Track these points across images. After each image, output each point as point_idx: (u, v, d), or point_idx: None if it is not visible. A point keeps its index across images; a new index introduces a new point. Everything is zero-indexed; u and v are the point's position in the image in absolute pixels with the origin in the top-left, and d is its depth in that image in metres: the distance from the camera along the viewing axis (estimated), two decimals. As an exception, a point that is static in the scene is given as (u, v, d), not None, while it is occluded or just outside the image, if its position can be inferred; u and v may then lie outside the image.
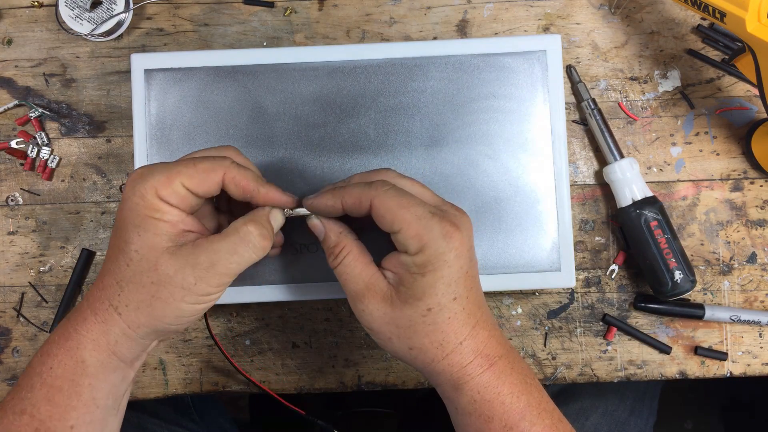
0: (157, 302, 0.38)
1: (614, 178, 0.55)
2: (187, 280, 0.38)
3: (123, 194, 0.39)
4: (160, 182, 0.37)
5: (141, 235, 0.37)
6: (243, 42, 0.58)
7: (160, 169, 0.38)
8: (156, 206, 0.37)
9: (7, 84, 0.58)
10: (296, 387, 0.58)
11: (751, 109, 0.58)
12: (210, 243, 0.38)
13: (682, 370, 0.57)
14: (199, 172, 0.38)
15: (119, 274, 0.38)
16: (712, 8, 0.48)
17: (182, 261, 0.38)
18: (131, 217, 0.38)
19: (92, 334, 0.38)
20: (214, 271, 0.38)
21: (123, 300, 0.38)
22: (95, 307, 0.39)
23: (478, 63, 0.51)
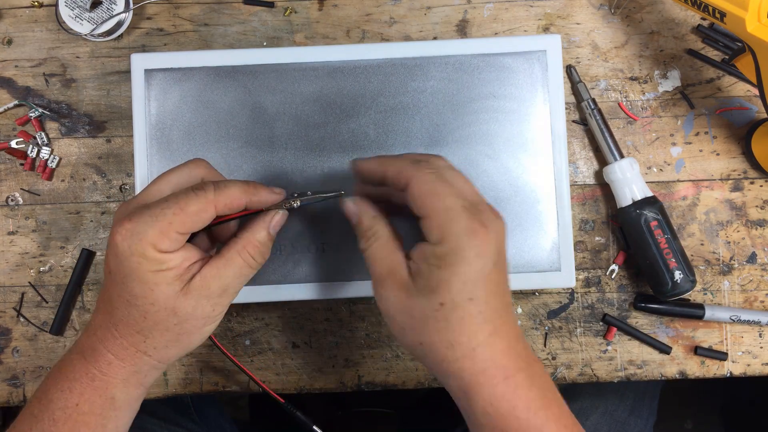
0: (183, 337, 0.40)
1: (614, 178, 0.55)
2: (205, 310, 0.40)
3: (116, 249, 0.38)
4: (156, 238, 0.37)
5: (153, 290, 0.38)
6: (243, 42, 0.58)
7: (149, 221, 0.38)
8: (159, 260, 0.38)
9: (7, 84, 0.58)
10: (296, 387, 0.58)
11: (751, 109, 0.58)
12: (217, 271, 0.40)
13: (682, 370, 0.57)
14: (190, 216, 0.38)
15: (138, 326, 0.39)
16: (712, 8, 0.48)
17: (197, 296, 0.39)
18: (136, 274, 0.38)
19: (122, 374, 0.40)
20: (226, 294, 0.40)
21: (150, 345, 0.40)
22: (119, 354, 0.40)
23: (478, 63, 0.51)
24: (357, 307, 0.58)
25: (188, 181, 0.42)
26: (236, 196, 0.40)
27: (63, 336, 0.57)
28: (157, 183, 0.41)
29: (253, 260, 0.41)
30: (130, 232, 0.37)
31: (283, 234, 0.50)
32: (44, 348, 0.57)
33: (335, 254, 0.51)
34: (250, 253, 0.41)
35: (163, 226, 0.37)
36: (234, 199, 0.40)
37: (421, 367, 0.58)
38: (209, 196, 0.39)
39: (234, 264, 0.40)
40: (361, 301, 0.58)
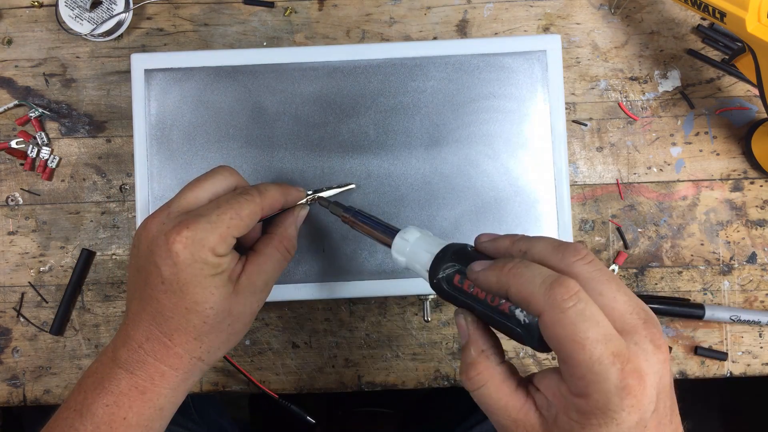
0: (233, 337, 0.42)
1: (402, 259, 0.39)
2: (253, 306, 0.42)
3: (175, 258, 0.38)
4: (216, 243, 0.39)
5: (214, 294, 0.39)
6: (243, 42, 0.58)
7: (209, 227, 0.39)
8: (217, 264, 0.39)
9: (7, 84, 0.58)
10: (296, 387, 0.58)
11: (751, 109, 0.58)
12: (259, 267, 0.42)
13: (682, 370, 0.57)
14: (244, 219, 0.40)
15: (196, 332, 0.40)
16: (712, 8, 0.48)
17: (246, 293, 0.41)
18: (197, 280, 0.39)
19: (173, 383, 0.41)
20: (267, 287, 0.43)
21: (205, 349, 0.41)
22: (174, 363, 0.40)
23: (478, 63, 0.51)
24: (357, 307, 0.58)
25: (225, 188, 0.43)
26: (276, 198, 0.43)
27: (63, 336, 0.57)
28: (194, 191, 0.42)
29: (288, 253, 0.44)
30: (191, 240, 0.38)
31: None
32: (44, 348, 0.57)
33: (335, 254, 0.51)
34: (286, 247, 0.44)
35: (222, 231, 0.39)
36: (275, 201, 0.43)
37: (421, 367, 0.58)
38: (257, 200, 0.41)
39: (273, 258, 0.43)
40: (361, 301, 0.58)
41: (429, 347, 0.58)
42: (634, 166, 0.58)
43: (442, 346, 0.58)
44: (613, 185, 0.58)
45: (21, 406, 0.57)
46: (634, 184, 0.58)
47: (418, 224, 0.51)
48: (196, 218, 0.39)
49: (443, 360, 0.58)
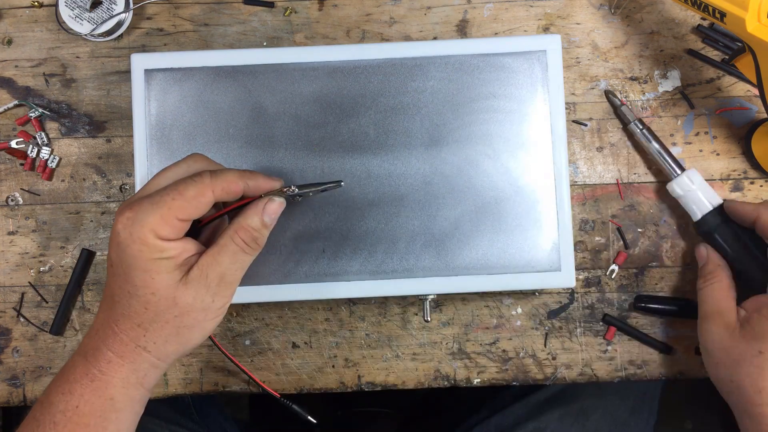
0: (183, 330, 0.40)
1: (681, 193, 0.54)
2: (205, 301, 0.40)
3: (117, 238, 0.38)
4: (156, 223, 0.38)
5: (154, 278, 0.38)
6: (243, 42, 0.58)
7: (150, 208, 0.38)
8: (160, 247, 0.38)
9: (7, 84, 0.58)
10: (296, 387, 0.58)
11: (751, 109, 0.58)
12: (213, 258, 0.40)
13: (682, 370, 0.57)
14: (189, 201, 0.39)
15: (138, 318, 0.39)
16: (712, 8, 0.48)
17: (196, 285, 0.39)
18: (137, 262, 0.38)
19: (121, 374, 0.39)
20: (224, 283, 0.40)
21: (150, 339, 0.39)
22: (119, 350, 0.39)
23: (478, 63, 0.51)
24: (357, 307, 0.58)
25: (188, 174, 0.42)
26: (233, 180, 0.40)
27: (63, 336, 0.57)
28: (156, 178, 0.42)
29: (246, 245, 0.40)
30: (131, 220, 0.38)
31: (283, 234, 0.50)
32: (44, 348, 0.57)
33: (335, 254, 0.51)
34: (242, 238, 0.40)
35: (163, 212, 0.38)
36: (231, 183, 0.40)
37: (421, 367, 0.58)
38: (206, 181, 0.39)
39: (227, 249, 0.40)
40: (361, 301, 0.58)
41: (429, 347, 0.58)
42: (634, 166, 0.58)
43: (442, 346, 0.58)
44: (613, 185, 0.58)
45: (21, 406, 0.57)
46: (634, 184, 0.58)
47: (418, 224, 0.51)
48: (141, 200, 0.39)
49: (443, 360, 0.58)
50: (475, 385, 0.57)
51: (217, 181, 0.40)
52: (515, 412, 0.67)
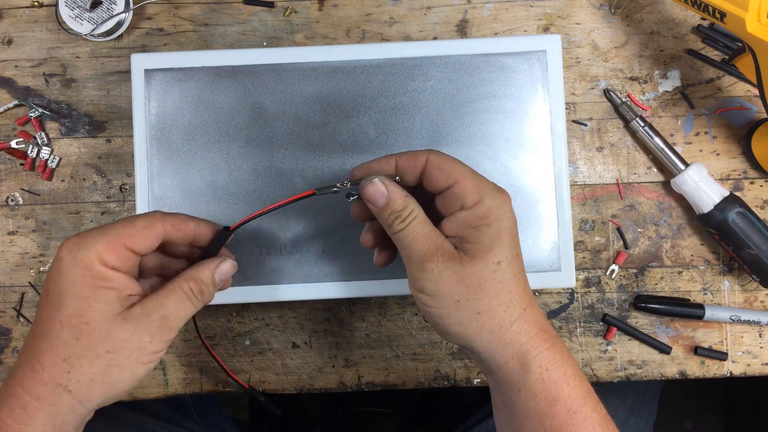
0: (113, 370, 0.37)
1: (687, 188, 0.55)
2: (143, 340, 0.37)
3: (59, 264, 0.37)
4: (103, 249, 0.37)
5: (92, 306, 0.36)
6: (243, 42, 0.58)
7: (97, 234, 0.37)
8: (103, 275, 0.37)
9: (7, 84, 0.58)
10: (296, 387, 0.58)
11: (751, 109, 0.58)
12: (158, 299, 0.38)
13: (682, 370, 0.57)
14: (139, 230, 0.38)
15: (66, 351, 0.36)
16: (712, 8, 0.48)
17: (135, 322, 0.37)
18: (76, 288, 0.36)
19: (37, 421, 0.36)
20: (166, 326, 0.38)
21: (74, 377, 0.36)
22: (36, 392, 0.36)
23: (478, 63, 0.51)
24: (357, 307, 0.58)
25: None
26: (183, 219, 0.41)
27: (63, 336, 0.57)
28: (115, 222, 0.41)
29: (192, 295, 0.39)
30: (77, 245, 0.37)
31: (283, 234, 0.50)
32: (44, 348, 0.57)
33: (335, 254, 0.51)
34: (191, 288, 0.39)
35: (111, 237, 0.37)
36: (181, 221, 0.40)
37: (421, 367, 0.58)
38: (157, 215, 0.40)
39: (175, 294, 0.39)
40: (361, 301, 0.58)
41: (429, 347, 0.58)
42: (634, 166, 0.58)
43: (442, 346, 0.58)
44: (613, 185, 0.58)
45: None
46: (634, 184, 0.58)
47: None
48: (88, 230, 0.38)
49: (443, 360, 0.58)
50: (475, 385, 0.57)
51: (168, 218, 0.40)
52: (515, 412, 0.67)
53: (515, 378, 0.38)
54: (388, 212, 0.39)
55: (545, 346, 0.38)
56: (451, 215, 0.39)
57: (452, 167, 0.39)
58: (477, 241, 0.37)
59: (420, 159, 0.40)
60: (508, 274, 0.38)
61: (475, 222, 0.37)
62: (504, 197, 0.38)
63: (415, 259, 0.38)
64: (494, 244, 0.37)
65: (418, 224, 0.39)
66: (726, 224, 0.53)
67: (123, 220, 0.39)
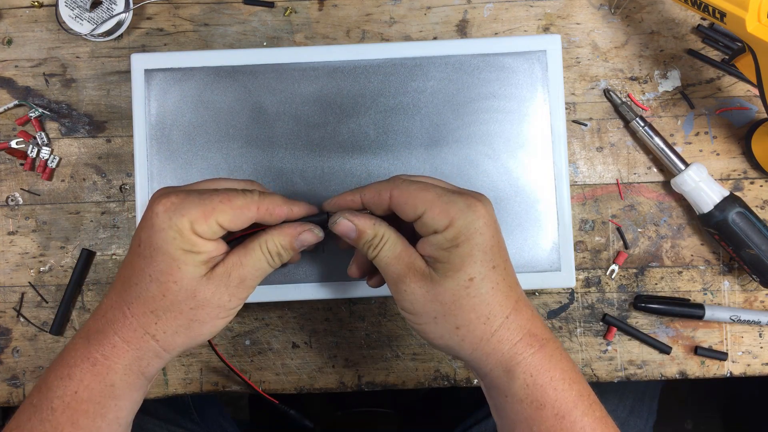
0: (195, 324, 0.40)
1: (687, 188, 0.55)
2: (222, 298, 0.40)
3: (153, 219, 0.38)
4: (196, 219, 0.38)
5: (181, 268, 0.38)
6: (243, 42, 0.58)
7: (196, 201, 0.38)
8: (193, 242, 0.38)
9: (7, 84, 0.58)
10: (296, 387, 0.58)
11: (751, 109, 0.58)
12: (238, 259, 0.40)
13: (682, 370, 0.57)
14: (235, 210, 0.39)
15: (154, 304, 0.39)
16: (712, 8, 0.48)
17: (217, 282, 0.39)
18: (168, 249, 0.38)
19: (125, 360, 0.39)
20: (243, 285, 0.40)
21: (161, 328, 0.39)
22: (126, 336, 0.39)
23: (478, 63, 0.51)
24: (357, 307, 0.58)
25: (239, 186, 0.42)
26: (279, 204, 0.41)
27: (63, 336, 0.57)
28: (208, 180, 0.42)
29: (270, 257, 0.41)
30: (175, 205, 0.38)
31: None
32: (44, 348, 0.57)
33: (335, 254, 0.51)
34: (269, 249, 0.41)
35: (207, 210, 0.38)
36: (276, 206, 0.41)
37: (421, 367, 0.58)
38: (255, 197, 0.40)
39: (254, 254, 0.40)
40: (361, 301, 0.58)
41: (429, 347, 0.58)
42: (634, 166, 0.58)
43: (442, 346, 0.58)
44: (613, 185, 0.58)
45: (21, 406, 0.57)
46: (634, 184, 0.58)
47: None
48: (189, 192, 0.39)
49: (443, 360, 0.58)
50: (475, 385, 0.57)
51: (265, 200, 0.40)
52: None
53: (501, 384, 0.39)
54: (361, 243, 0.41)
55: (530, 352, 0.38)
56: (425, 238, 0.39)
57: (417, 199, 0.38)
58: (447, 261, 0.38)
59: (383, 196, 0.40)
60: (483, 288, 0.38)
61: (446, 244, 0.38)
62: (476, 213, 0.38)
63: (391, 280, 0.40)
64: (464, 262, 0.38)
65: (390, 248, 0.40)
66: (726, 224, 0.53)
67: (221, 193, 0.39)
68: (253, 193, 0.40)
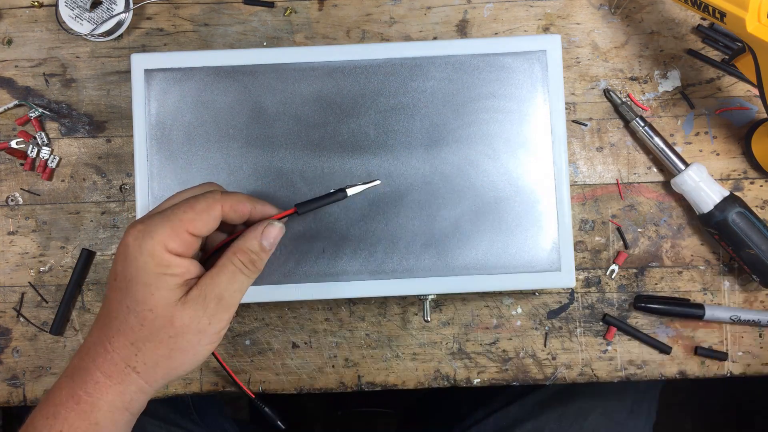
0: (176, 353, 0.39)
1: (687, 188, 0.55)
2: (201, 323, 0.39)
3: (126, 251, 0.38)
4: (167, 236, 0.38)
5: (154, 294, 0.38)
6: (243, 42, 0.58)
7: (161, 221, 0.38)
8: (167, 262, 0.38)
9: (7, 84, 0.58)
10: (296, 387, 0.58)
11: (751, 109, 0.58)
12: (211, 279, 0.39)
13: (682, 370, 0.57)
14: (200, 214, 0.39)
15: (133, 335, 0.38)
16: (712, 8, 0.48)
17: (194, 306, 0.39)
18: (141, 276, 0.38)
19: (108, 396, 0.38)
20: (222, 305, 0.39)
21: (141, 359, 0.39)
22: (108, 371, 0.38)
23: (478, 63, 0.51)
24: (357, 307, 0.58)
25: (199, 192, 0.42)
26: (241, 200, 0.41)
27: (63, 336, 0.57)
28: (169, 199, 0.42)
29: (243, 266, 0.40)
30: (142, 233, 0.38)
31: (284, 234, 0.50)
32: (44, 348, 0.57)
33: (335, 254, 0.51)
34: (241, 260, 0.40)
35: (173, 224, 0.38)
36: (239, 203, 0.41)
37: (421, 367, 0.58)
38: (216, 196, 0.40)
39: (226, 270, 0.40)
40: (361, 301, 0.58)
41: (429, 347, 0.58)
42: (634, 166, 0.58)
43: (442, 346, 0.58)
44: (613, 185, 0.58)
45: (21, 406, 0.57)
46: (634, 184, 0.58)
47: (418, 224, 0.51)
48: (152, 215, 0.39)
49: (443, 360, 0.58)
50: (475, 385, 0.57)
51: (227, 199, 0.40)
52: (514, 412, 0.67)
53: None
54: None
55: None
56: None
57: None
58: None
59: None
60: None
61: None
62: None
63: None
64: None
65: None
66: (726, 224, 0.53)
67: (184, 203, 0.39)
68: (214, 193, 0.40)
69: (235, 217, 0.41)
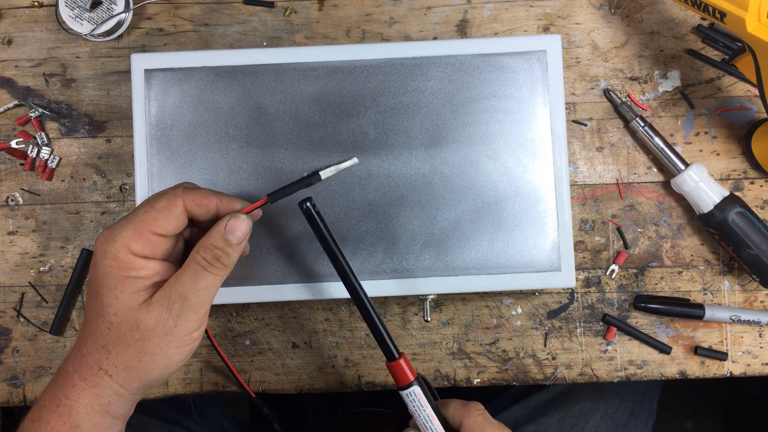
0: (145, 357, 0.38)
1: (687, 188, 0.55)
2: (167, 325, 0.38)
3: (94, 257, 0.38)
4: (129, 238, 0.37)
5: (118, 297, 0.37)
6: (243, 42, 0.58)
7: (123, 224, 0.38)
8: (131, 264, 0.37)
9: (7, 84, 0.58)
10: (296, 387, 0.58)
11: (751, 109, 0.58)
12: (175, 279, 0.38)
13: (682, 370, 0.57)
14: (160, 212, 0.38)
15: (102, 339, 0.38)
16: (712, 8, 0.48)
17: (158, 308, 0.38)
18: (106, 280, 0.38)
19: (84, 399, 0.38)
20: (187, 305, 0.38)
21: (112, 362, 0.38)
22: (83, 373, 0.38)
23: (478, 63, 0.51)
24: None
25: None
26: (206, 195, 0.40)
27: (63, 336, 0.57)
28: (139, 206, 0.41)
29: (208, 264, 0.39)
30: (107, 237, 0.38)
31: (283, 234, 0.50)
32: (44, 348, 0.57)
33: (335, 254, 0.51)
34: (204, 257, 0.39)
35: (135, 225, 0.38)
36: (203, 197, 0.40)
37: (421, 367, 0.58)
38: (177, 192, 0.39)
39: (188, 269, 0.39)
40: (361, 301, 0.58)
41: (429, 347, 0.58)
42: (634, 166, 0.58)
43: (442, 346, 0.58)
44: (613, 185, 0.58)
45: (21, 406, 0.57)
46: (634, 184, 0.58)
47: (418, 224, 0.51)
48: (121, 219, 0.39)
49: (443, 360, 0.58)
50: (475, 385, 0.57)
51: (189, 194, 0.39)
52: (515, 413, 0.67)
53: None
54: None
55: None
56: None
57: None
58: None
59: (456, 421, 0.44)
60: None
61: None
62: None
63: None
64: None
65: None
66: (726, 224, 0.53)
67: (145, 203, 0.39)
68: (176, 189, 0.40)
69: (201, 213, 0.40)
